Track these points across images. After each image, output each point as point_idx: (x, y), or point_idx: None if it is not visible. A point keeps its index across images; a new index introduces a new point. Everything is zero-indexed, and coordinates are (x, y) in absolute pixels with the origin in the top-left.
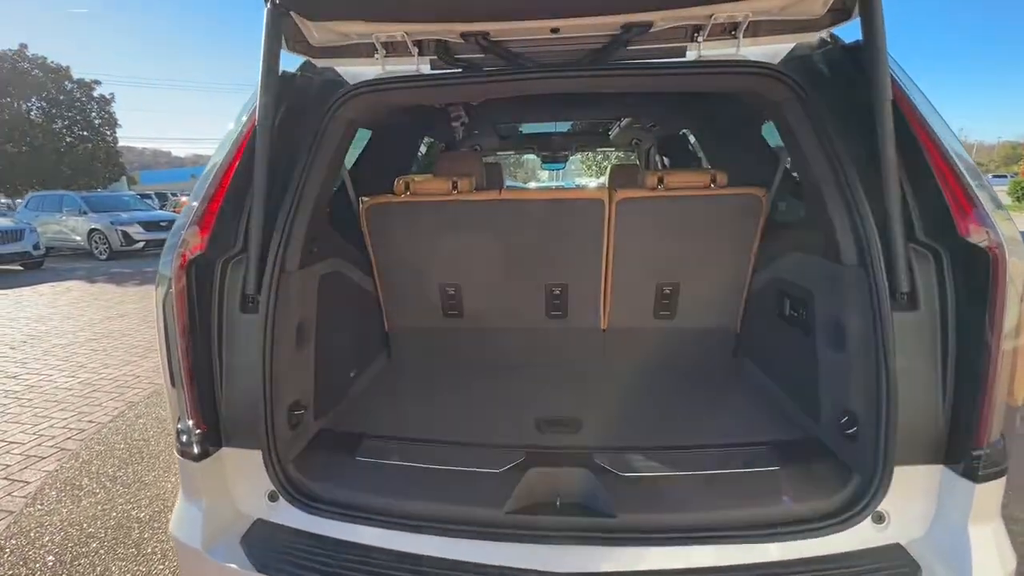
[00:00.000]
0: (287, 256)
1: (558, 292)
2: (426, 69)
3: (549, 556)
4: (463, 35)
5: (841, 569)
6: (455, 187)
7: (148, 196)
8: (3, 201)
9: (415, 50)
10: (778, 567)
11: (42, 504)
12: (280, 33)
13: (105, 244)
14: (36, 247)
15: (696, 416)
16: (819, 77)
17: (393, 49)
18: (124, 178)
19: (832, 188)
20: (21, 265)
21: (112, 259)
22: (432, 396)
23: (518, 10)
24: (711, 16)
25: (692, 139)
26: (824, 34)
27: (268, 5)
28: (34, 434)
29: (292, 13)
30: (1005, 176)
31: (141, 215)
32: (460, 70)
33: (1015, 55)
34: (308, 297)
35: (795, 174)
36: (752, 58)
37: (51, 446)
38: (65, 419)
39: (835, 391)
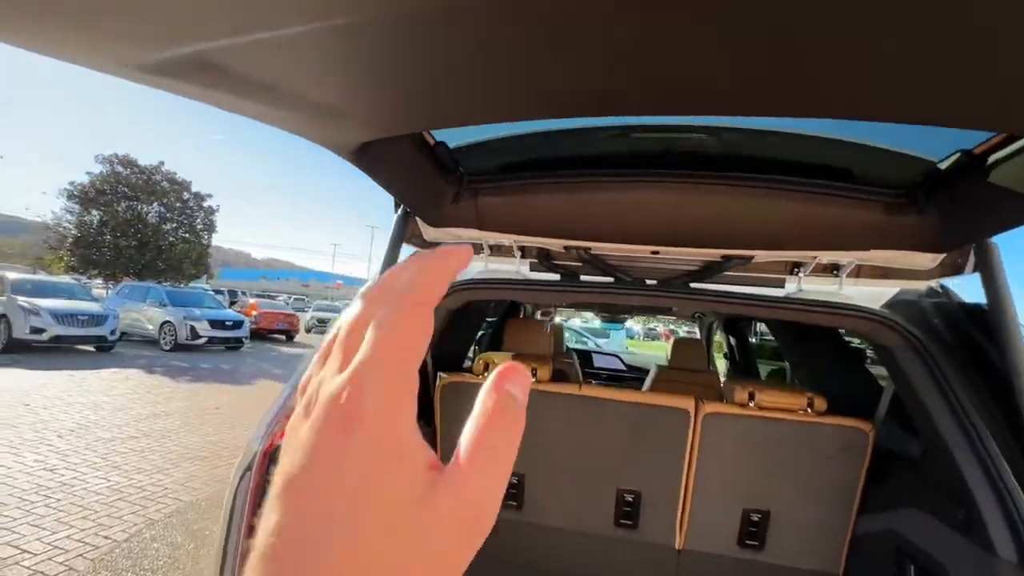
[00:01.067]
0: None
1: (630, 499)
2: (525, 269)
3: None
4: (566, 247)
5: None
6: (534, 374)
7: (220, 292)
8: (101, 285)
9: (518, 253)
10: None
11: None
12: (405, 232)
13: (172, 336)
14: (112, 332)
15: None
16: (932, 326)
17: (497, 249)
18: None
19: (965, 450)
20: (95, 347)
21: (174, 351)
22: None
23: (626, 236)
24: (815, 257)
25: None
26: (935, 283)
27: (399, 211)
28: (49, 544)
29: (417, 218)
30: None
31: (212, 313)
32: (559, 276)
33: None
34: None
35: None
36: (855, 298)
37: (60, 562)
38: (84, 530)
39: None
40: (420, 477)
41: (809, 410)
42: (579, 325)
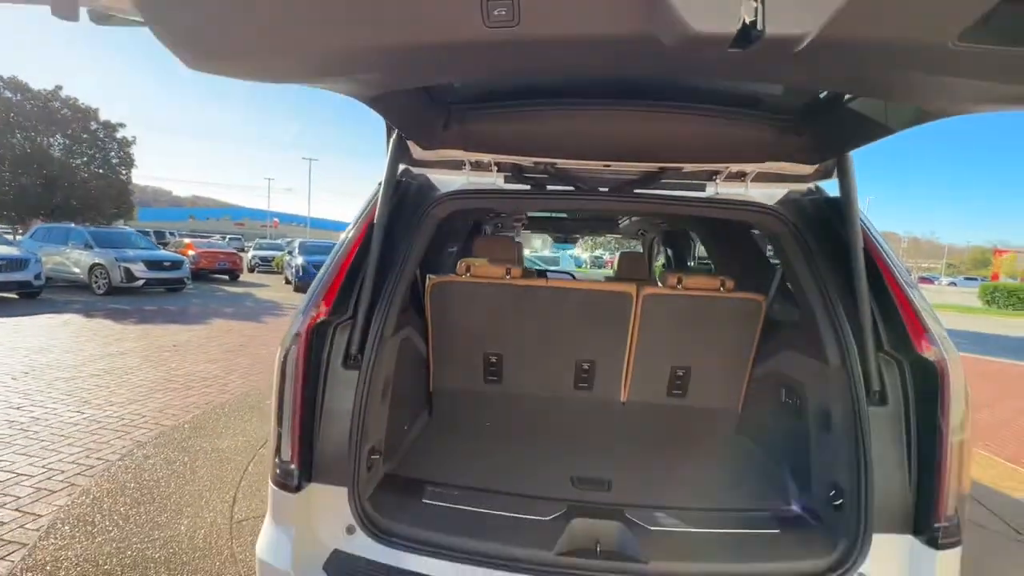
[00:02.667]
0: (386, 324)
1: (587, 367)
2: (500, 182)
3: None
4: (535, 162)
5: None
6: (508, 272)
7: (146, 233)
8: (5, 229)
9: (495, 168)
10: None
11: (55, 538)
12: (401, 156)
13: (105, 279)
14: (37, 277)
15: (706, 482)
16: (808, 217)
17: (476, 165)
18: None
19: (820, 306)
20: (18, 294)
21: (109, 295)
22: (478, 451)
23: (583, 152)
24: (727, 167)
25: (691, 235)
26: (812, 185)
27: (394, 136)
28: (43, 467)
29: (409, 142)
30: (976, 279)
31: (146, 254)
32: (529, 187)
33: (980, 170)
34: (392, 358)
35: (788, 284)
36: (757, 198)
37: (61, 480)
38: (73, 454)
39: (823, 468)
40: None
41: (721, 289)
42: (530, 256)
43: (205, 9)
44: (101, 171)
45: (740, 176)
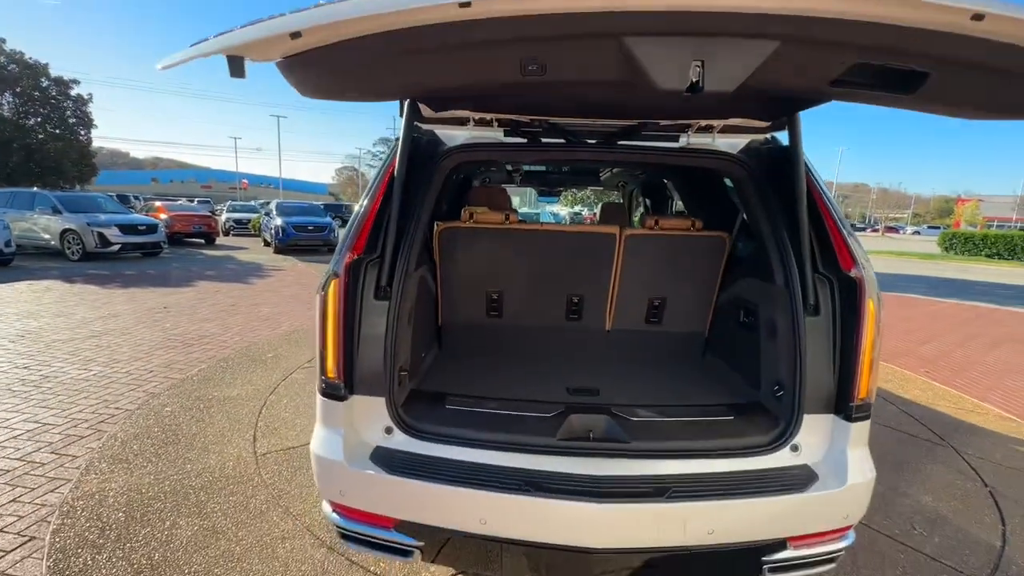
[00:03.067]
0: (409, 261)
1: (576, 300)
2: (500, 136)
3: (587, 466)
4: (532, 119)
5: (770, 478)
6: (507, 219)
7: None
8: None
9: (496, 124)
10: (732, 475)
11: (97, 474)
12: (415, 116)
13: (79, 245)
14: (7, 244)
15: (677, 388)
16: (763, 164)
17: (480, 122)
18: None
19: (770, 236)
20: None
21: (84, 260)
22: (485, 372)
23: (574, 111)
24: (696, 122)
25: (667, 184)
26: (768, 136)
27: (408, 100)
28: (66, 418)
29: (422, 104)
30: (938, 228)
31: (119, 218)
32: (526, 140)
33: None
34: (414, 291)
35: (748, 221)
36: (723, 147)
37: (87, 428)
38: (92, 405)
39: (769, 369)
40: None
41: (692, 228)
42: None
43: (330, 72)
44: (58, 131)
45: (708, 129)
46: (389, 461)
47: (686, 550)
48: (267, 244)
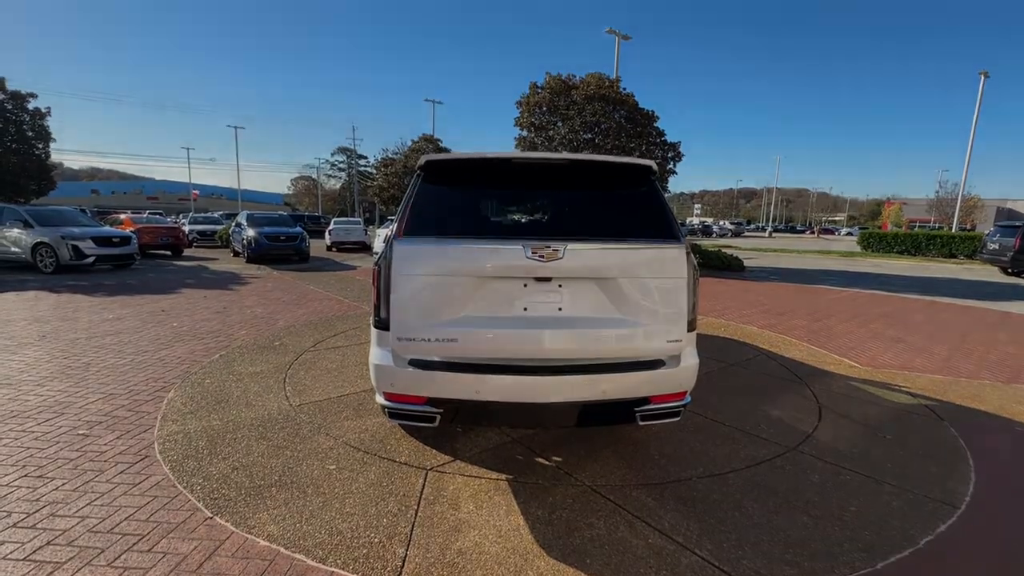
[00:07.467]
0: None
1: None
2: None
3: (542, 352)
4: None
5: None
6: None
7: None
8: None
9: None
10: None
11: (174, 421)
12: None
13: (52, 258)
14: None
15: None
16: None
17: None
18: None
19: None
20: None
21: (58, 273)
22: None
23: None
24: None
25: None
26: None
27: (422, 174)
28: (127, 388)
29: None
30: (866, 228)
31: (93, 231)
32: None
33: (876, 130)
34: None
35: None
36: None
37: (148, 394)
38: (143, 380)
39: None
40: None
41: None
42: None
43: None
44: (14, 146)
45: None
46: (420, 363)
47: (594, 402)
48: (236, 255)
